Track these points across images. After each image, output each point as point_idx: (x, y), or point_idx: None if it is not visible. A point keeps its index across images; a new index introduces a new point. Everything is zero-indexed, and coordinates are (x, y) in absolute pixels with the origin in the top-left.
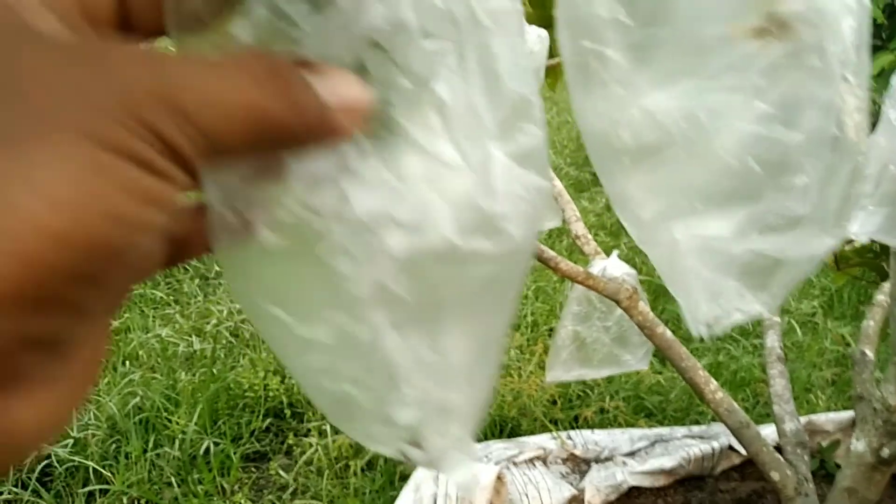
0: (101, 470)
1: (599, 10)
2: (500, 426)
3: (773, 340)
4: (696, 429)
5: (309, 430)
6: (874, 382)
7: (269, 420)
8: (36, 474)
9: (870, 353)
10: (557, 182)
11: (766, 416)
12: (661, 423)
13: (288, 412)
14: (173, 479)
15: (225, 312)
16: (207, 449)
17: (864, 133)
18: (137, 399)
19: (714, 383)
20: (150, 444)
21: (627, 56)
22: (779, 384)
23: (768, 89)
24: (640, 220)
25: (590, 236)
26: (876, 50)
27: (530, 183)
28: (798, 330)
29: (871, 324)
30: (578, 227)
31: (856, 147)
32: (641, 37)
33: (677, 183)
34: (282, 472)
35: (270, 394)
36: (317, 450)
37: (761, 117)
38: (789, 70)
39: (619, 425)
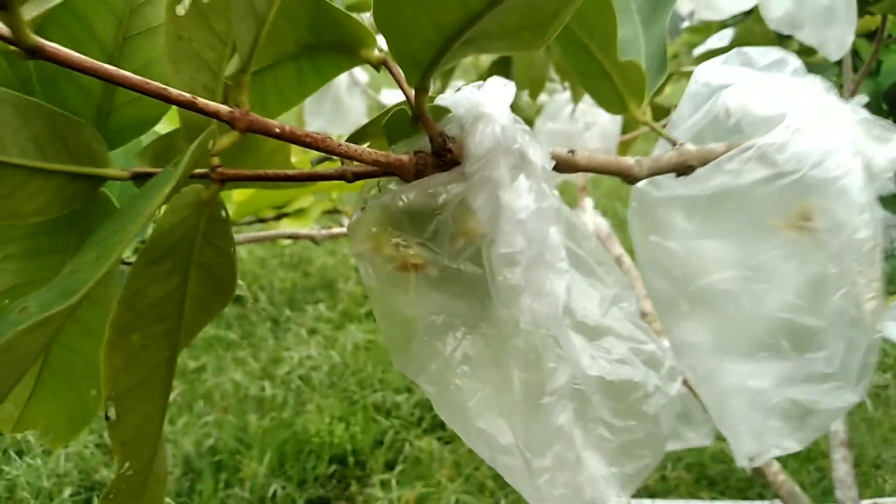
0: None
1: (663, 216)
2: None
3: (837, 425)
4: None
5: (370, 480)
6: None
7: (333, 466)
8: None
9: None
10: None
11: (832, 493)
12: (724, 495)
13: (351, 459)
14: None
15: (296, 359)
16: (275, 492)
17: (879, 315)
18: (212, 440)
19: (776, 465)
20: (222, 485)
21: (686, 247)
22: (842, 469)
23: (801, 271)
24: (695, 364)
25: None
26: None
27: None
28: (869, 404)
29: None
30: (647, 305)
31: (873, 326)
32: (698, 231)
33: (727, 333)
34: None
35: (335, 440)
36: (382, 502)
37: (792, 306)
38: (817, 258)
39: (681, 495)
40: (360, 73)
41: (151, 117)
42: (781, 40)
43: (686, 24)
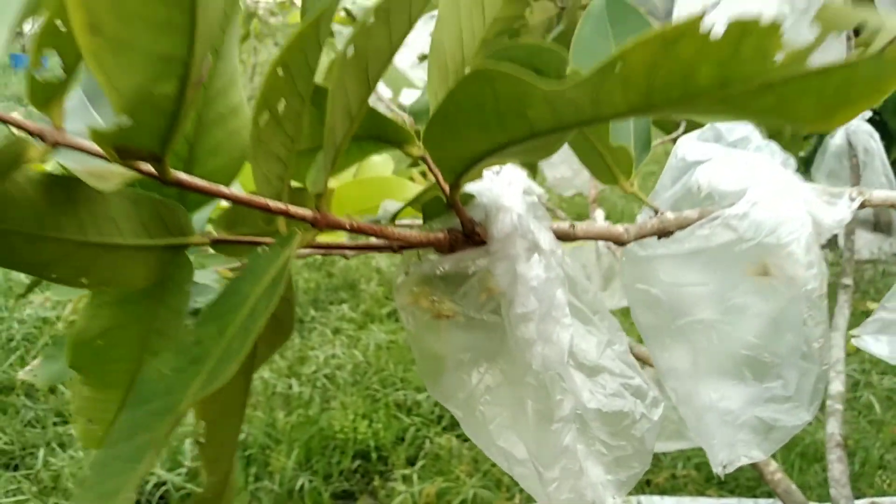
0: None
1: (647, 270)
2: None
3: (833, 427)
4: (762, 502)
5: (392, 475)
6: None
7: (357, 461)
8: (155, 499)
9: None
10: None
11: None
12: (733, 493)
13: (374, 455)
14: None
15: (321, 358)
16: (302, 486)
17: (825, 351)
18: (242, 435)
19: (774, 464)
20: (252, 478)
21: (667, 294)
22: (836, 469)
23: (760, 315)
24: (677, 387)
25: None
26: None
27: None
28: (877, 407)
29: None
30: None
31: (819, 359)
32: (676, 282)
33: (701, 363)
34: None
35: (359, 436)
36: (404, 495)
37: (752, 345)
38: (774, 305)
39: (689, 493)
40: (384, 90)
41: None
42: None
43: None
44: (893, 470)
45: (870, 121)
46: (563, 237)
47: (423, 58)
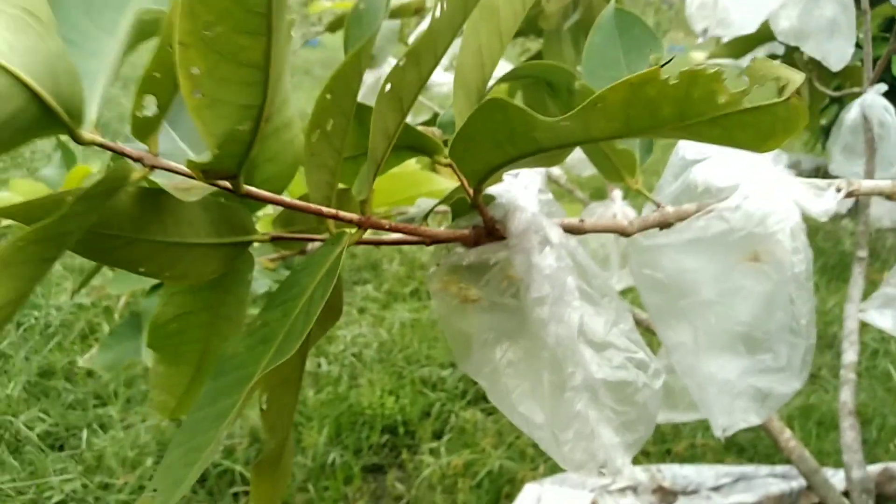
0: (245, 473)
1: (651, 257)
2: None
3: (846, 396)
4: (779, 468)
5: (420, 448)
6: None
7: (385, 436)
8: None
9: None
10: None
11: None
12: (752, 461)
13: (402, 430)
14: (307, 486)
15: (349, 337)
16: (333, 460)
17: (811, 327)
18: None
19: (788, 432)
20: None
21: (670, 278)
22: (849, 436)
23: (753, 296)
24: (680, 360)
25: None
26: None
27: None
28: (894, 374)
29: None
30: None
31: (807, 335)
32: (677, 268)
33: (701, 339)
34: (398, 484)
35: (386, 412)
36: (432, 467)
37: (744, 323)
38: (765, 287)
39: (708, 461)
40: None
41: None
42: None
43: (700, 40)
44: None
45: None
46: (573, 230)
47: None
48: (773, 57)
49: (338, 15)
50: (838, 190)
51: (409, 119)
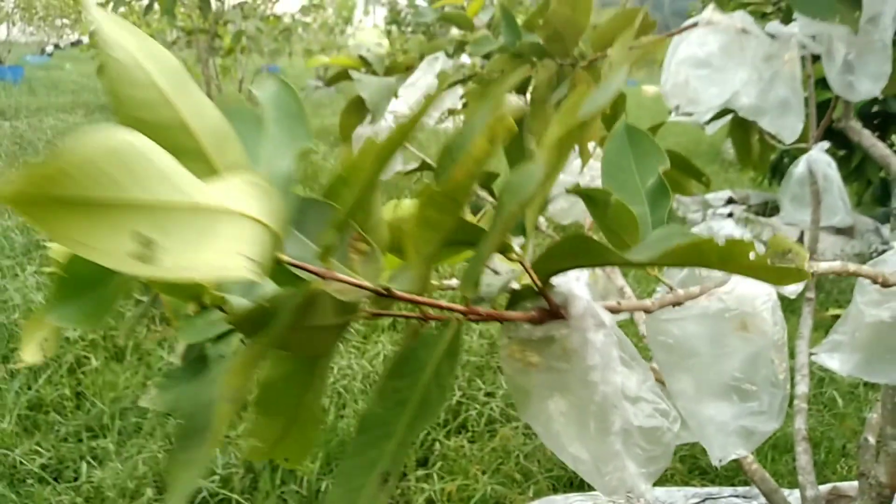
0: (242, 501)
1: (664, 327)
2: (578, 482)
3: (799, 423)
4: (740, 489)
5: (406, 476)
6: (874, 463)
7: None
8: None
9: (872, 440)
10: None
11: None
12: (714, 482)
13: None
14: None
15: (335, 369)
16: (326, 487)
17: (786, 380)
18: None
19: (751, 457)
20: (279, 482)
21: (678, 343)
22: (803, 459)
23: (742, 356)
24: (684, 405)
25: None
26: None
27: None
28: (840, 401)
29: (874, 416)
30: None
31: (784, 386)
32: (684, 335)
33: (702, 389)
34: None
35: None
36: (427, 493)
37: (737, 377)
38: (752, 349)
39: (676, 483)
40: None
41: None
42: None
43: (673, 116)
44: (854, 458)
45: (870, 104)
46: (613, 310)
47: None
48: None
49: (337, 71)
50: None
51: (398, 167)
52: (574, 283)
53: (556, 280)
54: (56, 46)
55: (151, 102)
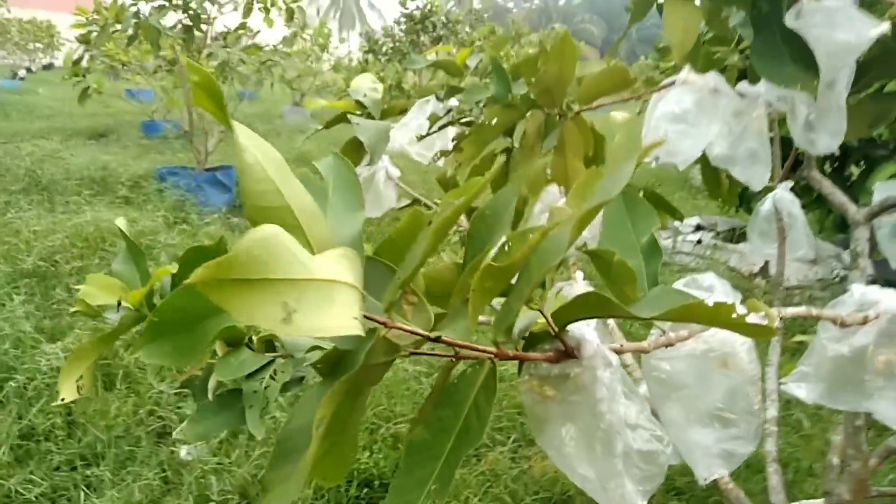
0: None
1: (656, 364)
2: (562, 500)
3: (770, 445)
4: None
5: None
6: (838, 482)
7: (363, 489)
8: None
9: (836, 461)
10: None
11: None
12: (689, 502)
13: (377, 483)
14: None
15: None
16: None
17: (761, 409)
18: (262, 470)
19: (727, 477)
20: None
21: (669, 377)
22: (774, 479)
23: (723, 390)
24: (674, 432)
25: None
26: (882, 161)
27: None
28: (806, 423)
29: (838, 438)
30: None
31: (759, 416)
32: (675, 371)
33: (690, 417)
34: None
35: (362, 466)
36: None
37: (719, 408)
38: (732, 383)
39: (656, 503)
40: (393, 169)
41: None
42: None
43: (653, 165)
44: (820, 477)
45: None
46: (616, 351)
47: (420, 137)
48: None
49: (336, 115)
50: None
51: (394, 204)
52: (585, 329)
53: (571, 327)
54: (28, 70)
55: (268, 192)
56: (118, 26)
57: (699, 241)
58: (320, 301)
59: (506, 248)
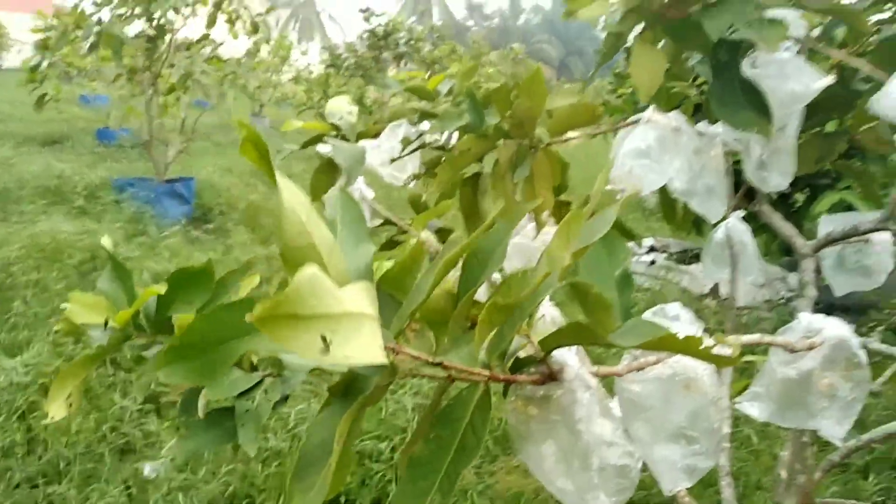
0: None
1: (627, 385)
2: None
3: (723, 460)
4: None
5: None
6: (786, 494)
7: None
8: None
9: (784, 474)
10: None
11: None
12: None
13: (343, 498)
14: None
15: (292, 413)
16: None
17: (721, 427)
18: (231, 487)
19: (683, 490)
20: None
21: (639, 398)
22: (727, 492)
23: (688, 410)
24: (645, 448)
25: None
26: (825, 189)
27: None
28: (755, 438)
29: (786, 453)
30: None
31: (718, 434)
32: (644, 393)
33: (656, 434)
34: None
35: None
36: None
37: (682, 426)
38: (695, 404)
39: None
40: (367, 190)
41: None
42: None
43: (618, 197)
44: (768, 490)
45: None
46: (594, 374)
47: (393, 160)
48: None
49: (312, 136)
50: (730, 346)
51: (368, 225)
52: (567, 354)
53: (554, 353)
54: None
55: (299, 232)
56: (78, 33)
57: (653, 262)
58: (351, 332)
59: (506, 285)
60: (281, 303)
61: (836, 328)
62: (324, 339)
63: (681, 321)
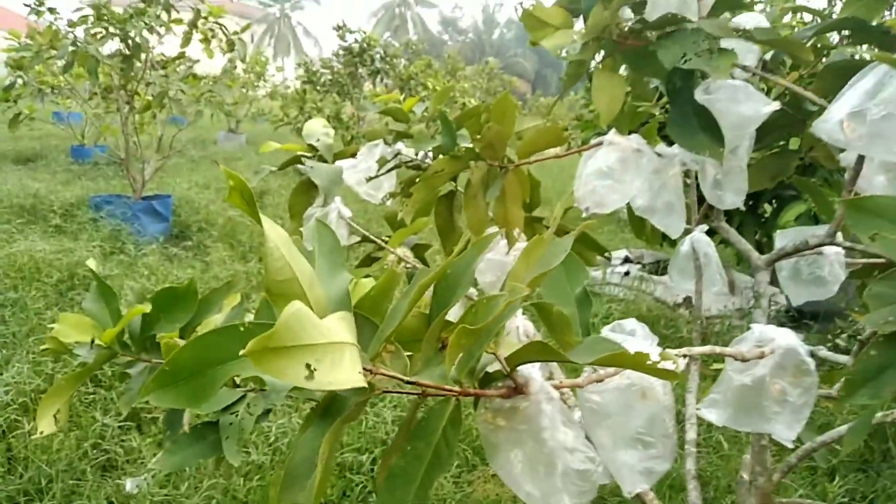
0: None
1: (588, 396)
2: None
3: (690, 465)
4: None
5: None
6: (748, 496)
7: None
8: None
9: (746, 476)
10: None
11: None
12: None
13: None
14: None
15: (273, 427)
16: None
17: (675, 433)
18: (214, 502)
19: (651, 494)
20: None
21: (599, 408)
22: (693, 495)
23: (645, 416)
24: (606, 453)
25: None
26: (791, 200)
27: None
28: (725, 444)
29: (747, 457)
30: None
31: (673, 438)
32: (603, 403)
33: (617, 441)
34: None
35: None
36: None
37: (639, 432)
38: (651, 410)
39: None
40: (345, 209)
41: None
42: None
43: (584, 214)
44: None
45: None
46: (557, 387)
47: (369, 179)
48: None
49: (289, 157)
50: (684, 357)
51: (346, 243)
52: (531, 369)
53: (521, 368)
54: None
55: (283, 268)
56: (53, 52)
57: (627, 273)
58: (333, 360)
59: (473, 310)
60: (270, 337)
61: (785, 338)
62: (308, 366)
63: (636, 336)
